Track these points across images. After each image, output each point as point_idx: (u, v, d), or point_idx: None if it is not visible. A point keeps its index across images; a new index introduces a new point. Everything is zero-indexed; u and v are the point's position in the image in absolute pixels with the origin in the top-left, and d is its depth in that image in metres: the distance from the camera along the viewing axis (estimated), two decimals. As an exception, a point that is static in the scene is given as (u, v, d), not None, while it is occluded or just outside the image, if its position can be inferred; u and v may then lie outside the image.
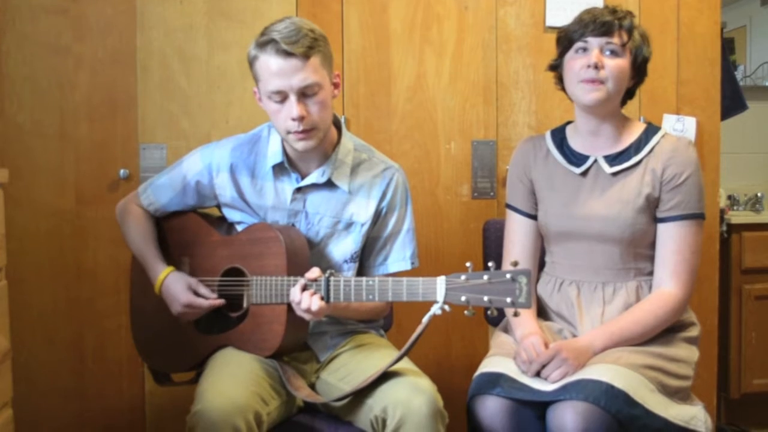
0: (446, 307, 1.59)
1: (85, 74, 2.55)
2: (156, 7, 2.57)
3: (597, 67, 1.82)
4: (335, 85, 1.86)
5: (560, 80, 1.96)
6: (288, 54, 1.72)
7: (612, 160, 1.91)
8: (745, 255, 3.12)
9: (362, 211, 1.93)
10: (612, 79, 1.84)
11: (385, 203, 1.95)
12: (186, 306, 1.87)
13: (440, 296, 1.59)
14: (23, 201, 2.49)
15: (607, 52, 1.84)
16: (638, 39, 1.87)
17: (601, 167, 1.91)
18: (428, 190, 2.72)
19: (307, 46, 1.73)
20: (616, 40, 1.84)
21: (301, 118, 1.76)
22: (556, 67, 1.97)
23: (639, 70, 1.90)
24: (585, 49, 1.85)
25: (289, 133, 1.80)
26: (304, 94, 1.76)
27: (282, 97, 1.76)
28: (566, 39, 1.90)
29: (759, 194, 3.49)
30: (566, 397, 1.65)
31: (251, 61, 1.80)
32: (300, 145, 1.81)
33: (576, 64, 1.86)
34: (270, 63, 1.74)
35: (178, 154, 2.29)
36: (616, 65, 1.84)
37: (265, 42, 1.74)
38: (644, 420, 1.65)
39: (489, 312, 1.58)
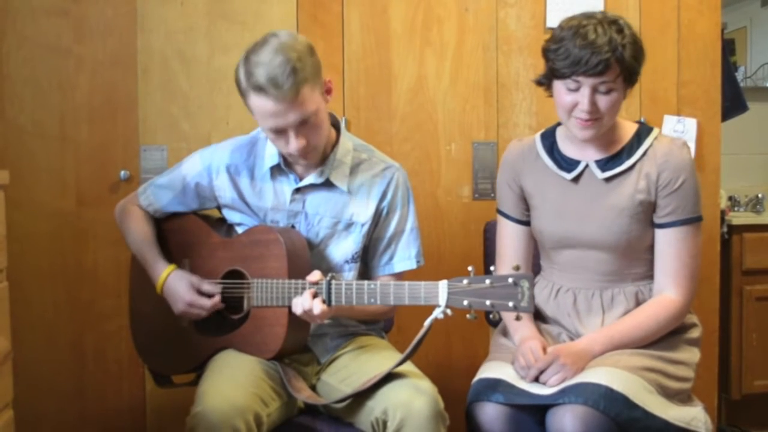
0: (448, 311, 1.59)
1: (86, 76, 2.55)
2: (156, 9, 2.57)
3: (593, 110, 1.74)
4: (328, 92, 1.83)
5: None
6: (278, 97, 1.69)
7: (604, 164, 1.86)
8: (746, 256, 3.11)
9: (362, 211, 1.93)
10: (607, 113, 1.76)
11: (385, 203, 1.94)
12: (189, 305, 1.87)
13: (442, 300, 1.59)
14: (24, 202, 2.49)
15: (602, 89, 1.73)
16: (631, 59, 1.73)
17: (593, 173, 1.87)
18: (429, 191, 2.72)
19: (295, 83, 1.68)
20: (609, 77, 1.72)
21: (301, 150, 1.77)
22: (543, 83, 1.87)
23: (636, 79, 1.80)
24: (576, 88, 1.74)
25: (290, 155, 1.81)
26: (301, 124, 1.74)
27: (279, 130, 1.76)
28: (553, 69, 1.77)
29: (760, 195, 3.49)
30: (565, 400, 1.64)
31: (241, 94, 1.76)
32: (303, 163, 1.85)
33: (566, 99, 1.77)
34: (262, 106, 1.72)
35: (179, 156, 2.29)
36: (611, 100, 1.75)
37: (252, 86, 1.70)
38: (644, 422, 1.64)
39: (491, 316, 1.58)
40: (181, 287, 1.88)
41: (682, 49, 2.82)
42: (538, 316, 1.97)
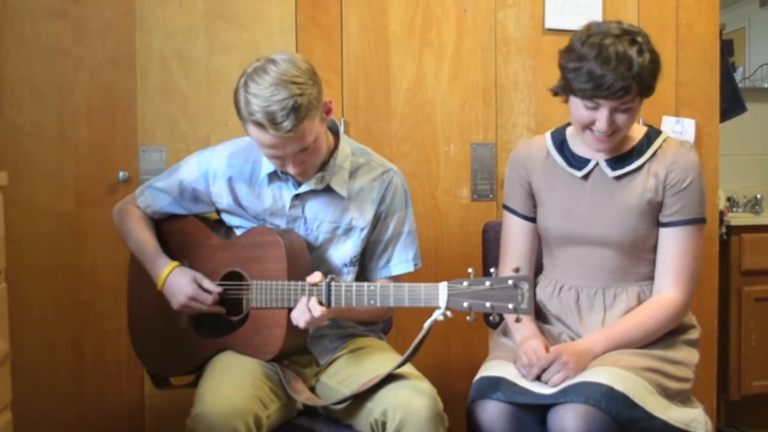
0: (448, 313, 1.59)
1: (85, 76, 2.54)
2: (155, 10, 2.56)
3: (608, 130, 1.76)
4: (327, 112, 1.81)
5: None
6: (276, 134, 1.67)
7: (614, 163, 1.88)
8: (745, 257, 3.12)
9: (361, 215, 1.92)
10: (624, 128, 1.79)
11: (384, 207, 1.94)
12: (191, 298, 1.85)
13: (442, 302, 1.59)
14: (23, 203, 2.48)
15: (621, 108, 1.75)
16: (649, 78, 1.74)
17: (603, 171, 1.89)
18: (427, 192, 2.72)
19: (295, 120, 1.66)
20: (630, 97, 1.73)
21: (299, 173, 1.79)
22: (559, 94, 1.88)
23: (649, 95, 1.80)
24: (595, 107, 1.75)
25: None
26: (300, 151, 1.74)
27: (276, 157, 1.76)
28: (572, 88, 1.76)
29: (758, 196, 3.49)
30: (567, 399, 1.65)
31: (240, 118, 1.74)
32: (300, 179, 1.85)
33: (583, 114, 1.78)
34: (259, 137, 1.71)
35: (178, 157, 2.29)
36: (629, 117, 1.77)
37: (251, 119, 1.69)
38: (645, 422, 1.65)
39: (491, 318, 1.58)
40: (184, 281, 1.87)
41: (681, 50, 2.83)
42: (539, 316, 1.98)
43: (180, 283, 1.87)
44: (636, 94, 1.74)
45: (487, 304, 1.55)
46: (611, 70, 1.69)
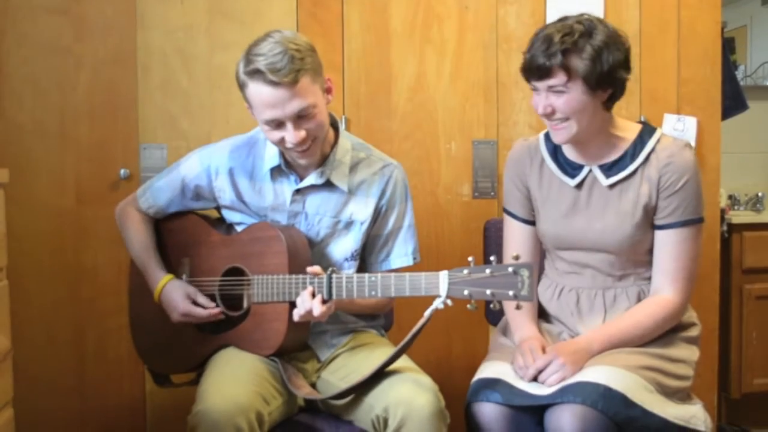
0: (448, 301, 1.59)
1: (86, 74, 2.55)
2: (156, 7, 2.56)
3: (548, 113, 1.77)
4: (328, 91, 1.83)
5: None
6: (276, 83, 1.69)
7: (607, 170, 1.86)
8: (746, 255, 3.11)
9: (362, 209, 1.93)
10: (571, 115, 1.75)
11: (384, 201, 1.94)
12: (184, 315, 1.88)
13: (443, 290, 1.59)
14: (24, 201, 2.49)
15: (555, 90, 1.74)
16: (585, 65, 1.70)
17: (597, 179, 1.86)
18: (429, 189, 2.72)
19: (294, 71, 1.69)
20: (554, 81, 1.72)
21: (300, 143, 1.76)
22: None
23: (606, 81, 1.75)
24: (536, 89, 1.79)
25: (290, 151, 1.81)
26: (299, 117, 1.74)
27: (277, 123, 1.75)
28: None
29: (760, 194, 3.49)
30: (564, 400, 1.64)
31: (241, 86, 1.77)
32: (303, 161, 1.84)
33: (534, 101, 1.81)
34: (260, 93, 1.72)
35: (179, 154, 2.29)
36: (566, 102, 1.74)
37: (251, 72, 1.71)
38: (643, 421, 1.64)
39: (492, 306, 1.58)
40: (176, 297, 1.89)
41: (682, 48, 2.82)
42: (541, 315, 1.98)
43: (173, 300, 1.89)
44: (566, 77, 1.72)
45: (488, 292, 1.55)
46: (535, 50, 1.74)
